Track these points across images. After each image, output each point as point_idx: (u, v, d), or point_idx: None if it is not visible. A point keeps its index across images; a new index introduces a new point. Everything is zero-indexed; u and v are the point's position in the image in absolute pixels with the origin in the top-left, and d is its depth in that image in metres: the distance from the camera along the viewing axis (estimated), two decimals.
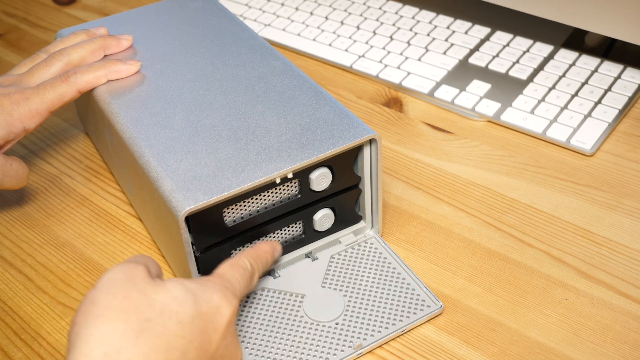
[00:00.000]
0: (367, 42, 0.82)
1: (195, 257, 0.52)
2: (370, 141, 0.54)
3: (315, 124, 0.54)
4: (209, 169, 0.50)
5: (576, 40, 0.79)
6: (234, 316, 0.45)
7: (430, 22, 0.83)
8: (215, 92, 0.58)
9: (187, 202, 0.48)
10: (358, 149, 0.55)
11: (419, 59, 0.78)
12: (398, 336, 0.52)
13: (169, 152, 0.52)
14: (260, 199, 0.52)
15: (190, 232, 0.50)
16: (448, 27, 0.82)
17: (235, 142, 0.53)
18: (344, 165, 0.54)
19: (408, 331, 0.52)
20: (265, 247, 0.52)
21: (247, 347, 0.51)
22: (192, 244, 0.51)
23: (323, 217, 0.56)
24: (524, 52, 0.78)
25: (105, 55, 0.63)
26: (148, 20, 0.69)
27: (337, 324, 0.52)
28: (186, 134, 0.54)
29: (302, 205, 0.55)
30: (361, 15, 0.86)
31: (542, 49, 0.78)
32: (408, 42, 0.81)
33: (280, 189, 0.53)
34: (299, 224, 0.56)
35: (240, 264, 0.49)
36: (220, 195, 0.48)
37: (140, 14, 0.71)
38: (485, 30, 0.81)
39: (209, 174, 0.50)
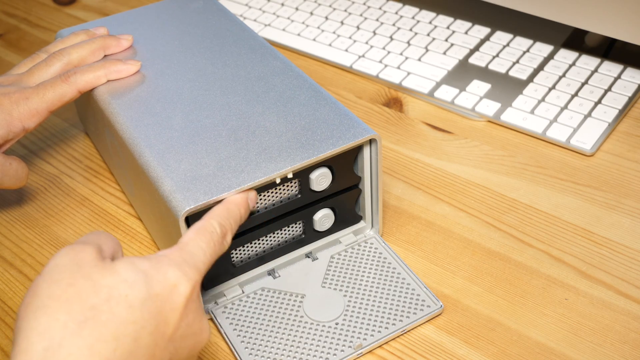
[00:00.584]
0: (367, 42, 0.82)
1: None
2: (370, 141, 0.54)
3: (315, 124, 0.54)
4: (208, 169, 0.50)
5: (576, 40, 0.79)
6: (193, 292, 0.42)
7: (430, 22, 0.83)
8: (215, 92, 0.58)
9: (187, 202, 0.48)
10: (358, 149, 0.55)
11: (419, 59, 0.78)
12: (398, 336, 0.52)
13: (169, 152, 0.52)
14: (260, 199, 0.52)
15: None
16: (448, 27, 0.82)
17: (235, 142, 0.53)
18: (344, 165, 0.54)
19: (408, 331, 0.52)
20: (236, 200, 0.49)
21: (247, 347, 0.51)
22: None
23: (323, 217, 0.56)
24: (524, 52, 0.78)
25: (105, 55, 0.63)
26: (148, 20, 0.69)
27: (337, 324, 0.52)
28: (186, 134, 0.54)
29: (302, 205, 0.55)
30: (361, 15, 0.86)
31: (542, 49, 0.78)
32: (408, 42, 0.81)
33: (280, 189, 0.53)
34: (299, 223, 0.56)
35: (208, 229, 0.46)
36: (221, 195, 0.48)
37: (141, 14, 0.71)
38: (485, 30, 0.81)
39: (208, 173, 0.50)
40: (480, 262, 0.57)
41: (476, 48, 0.79)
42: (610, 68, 0.74)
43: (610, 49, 0.79)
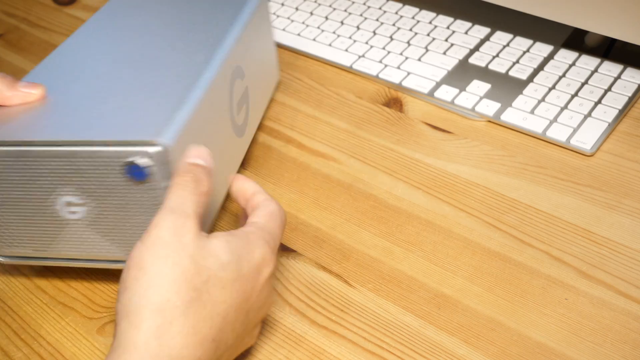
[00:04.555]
0: (367, 42, 0.82)
1: None
2: None
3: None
4: None
5: (576, 40, 0.79)
6: (273, 273, 0.48)
7: (430, 22, 0.83)
8: (120, 66, 0.58)
9: None
10: None
11: (419, 59, 0.78)
12: None
13: None
14: None
15: None
16: (448, 27, 0.82)
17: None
18: None
19: None
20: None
21: None
22: None
23: None
24: (524, 52, 0.78)
25: None
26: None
27: None
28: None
29: None
30: (361, 15, 0.86)
31: (542, 49, 0.78)
32: (408, 42, 0.81)
33: None
34: None
35: (279, 215, 0.50)
36: None
37: None
38: (485, 30, 0.81)
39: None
40: (480, 262, 0.57)
41: (476, 48, 0.79)
42: (610, 68, 0.74)
43: (610, 49, 0.79)
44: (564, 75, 0.74)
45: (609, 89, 0.72)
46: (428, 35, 0.82)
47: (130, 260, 0.43)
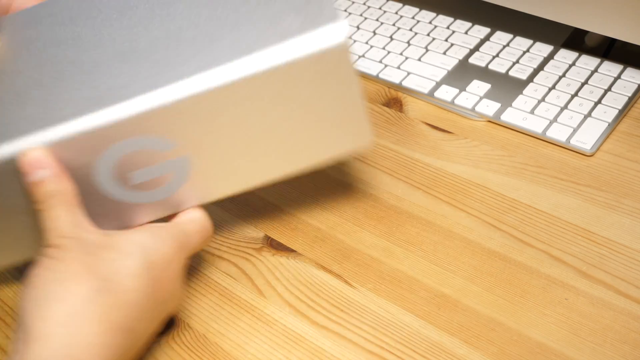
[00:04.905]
0: (367, 42, 0.82)
1: None
2: None
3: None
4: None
5: (576, 40, 0.79)
6: (182, 271, 0.50)
7: (430, 22, 0.83)
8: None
9: None
10: None
11: (419, 59, 0.78)
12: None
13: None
14: None
15: None
16: (448, 27, 0.82)
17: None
18: None
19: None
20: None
21: None
22: None
23: None
24: (524, 52, 0.78)
25: None
26: None
27: None
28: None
29: None
30: (361, 15, 0.86)
31: (542, 49, 0.78)
32: (408, 42, 0.81)
33: None
34: None
35: (201, 222, 0.52)
36: None
37: None
38: (485, 30, 0.81)
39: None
40: (480, 262, 0.57)
41: (476, 48, 0.79)
42: (610, 68, 0.74)
43: (610, 49, 0.79)
44: (564, 75, 0.74)
45: (609, 89, 0.72)
46: (428, 35, 0.82)
47: (34, 268, 0.44)
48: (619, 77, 0.73)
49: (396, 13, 0.86)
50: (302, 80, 0.48)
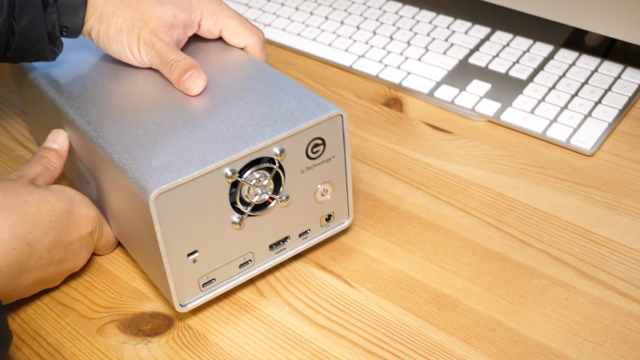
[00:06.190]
0: (367, 42, 0.82)
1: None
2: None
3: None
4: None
5: (576, 40, 0.79)
6: (97, 229, 0.57)
7: (430, 22, 0.83)
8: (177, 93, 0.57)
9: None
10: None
11: (419, 59, 0.78)
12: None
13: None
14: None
15: None
16: (448, 27, 0.82)
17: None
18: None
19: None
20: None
21: None
22: None
23: None
24: (524, 52, 0.78)
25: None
26: None
27: None
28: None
29: None
30: (361, 15, 0.86)
31: (542, 49, 0.78)
32: (408, 42, 0.81)
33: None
34: None
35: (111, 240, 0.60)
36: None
37: None
38: (485, 30, 0.81)
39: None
40: (480, 262, 0.57)
41: (476, 48, 0.79)
42: (610, 68, 0.74)
43: (610, 49, 0.79)
44: (564, 75, 0.74)
45: (609, 89, 0.72)
46: (428, 35, 0.82)
47: None
48: (619, 77, 0.73)
49: (396, 13, 0.86)
50: None
